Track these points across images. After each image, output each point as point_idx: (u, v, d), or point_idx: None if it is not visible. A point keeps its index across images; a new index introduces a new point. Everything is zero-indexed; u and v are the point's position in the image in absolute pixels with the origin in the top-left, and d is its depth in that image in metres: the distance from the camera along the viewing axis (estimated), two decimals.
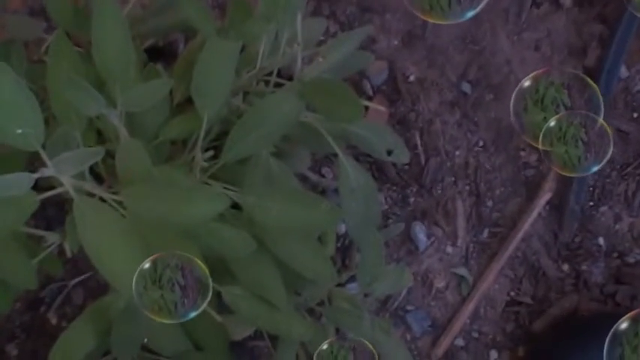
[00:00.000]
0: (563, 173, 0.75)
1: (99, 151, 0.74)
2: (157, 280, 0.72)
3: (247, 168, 0.88)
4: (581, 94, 0.73)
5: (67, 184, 0.73)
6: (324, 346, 0.83)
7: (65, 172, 0.72)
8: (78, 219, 0.72)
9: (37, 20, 1.11)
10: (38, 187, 0.74)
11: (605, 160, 0.73)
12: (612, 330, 0.72)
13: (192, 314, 0.74)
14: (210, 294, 0.73)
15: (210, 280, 0.73)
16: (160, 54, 1.14)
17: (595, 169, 0.74)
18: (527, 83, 0.73)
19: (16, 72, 0.91)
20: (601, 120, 0.71)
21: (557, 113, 0.73)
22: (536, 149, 1.18)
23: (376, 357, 0.82)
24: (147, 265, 0.72)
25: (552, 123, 0.73)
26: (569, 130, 0.72)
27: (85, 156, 0.73)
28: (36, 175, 0.71)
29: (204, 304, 0.73)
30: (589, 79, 0.73)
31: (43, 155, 0.72)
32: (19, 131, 0.71)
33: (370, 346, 0.82)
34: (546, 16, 1.22)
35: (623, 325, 0.72)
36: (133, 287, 0.71)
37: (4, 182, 0.70)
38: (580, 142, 0.72)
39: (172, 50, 1.16)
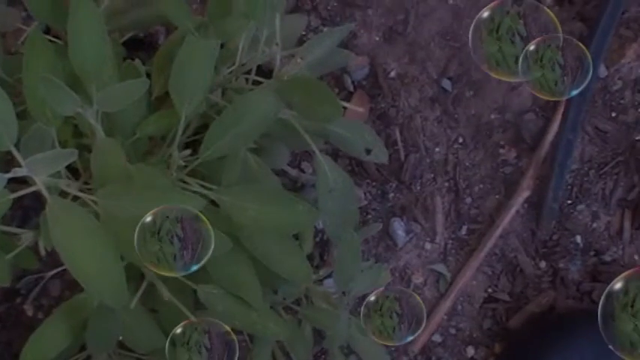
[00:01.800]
0: (542, 97, 0.72)
1: (72, 152, 0.72)
2: (157, 232, 0.70)
3: (226, 165, 0.87)
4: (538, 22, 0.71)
5: (40, 184, 0.72)
6: (372, 298, 0.81)
7: (39, 172, 0.71)
8: (50, 220, 0.71)
9: (15, 10, 1.08)
10: (14, 180, 0.73)
11: (584, 85, 0.70)
12: (606, 290, 0.69)
13: (194, 267, 0.73)
14: (212, 247, 0.72)
15: (212, 234, 0.72)
16: (140, 45, 1.13)
17: (574, 93, 0.71)
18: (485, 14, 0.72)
19: None
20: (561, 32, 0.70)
21: (512, 42, 0.71)
22: (515, 147, 1.18)
23: (423, 309, 0.81)
24: (148, 219, 0.70)
25: (531, 47, 0.70)
26: (546, 53, 0.70)
27: (58, 157, 0.72)
28: (8, 176, 0.70)
29: (207, 258, 0.72)
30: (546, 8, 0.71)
31: (17, 155, 0.71)
32: None
33: (417, 298, 0.81)
34: None
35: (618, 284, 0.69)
36: (135, 239, 0.70)
37: None
38: (557, 66, 0.70)
39: (153, 42, 1.15)
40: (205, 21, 0.90)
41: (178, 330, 0.77)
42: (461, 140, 1.19)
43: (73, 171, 0.86)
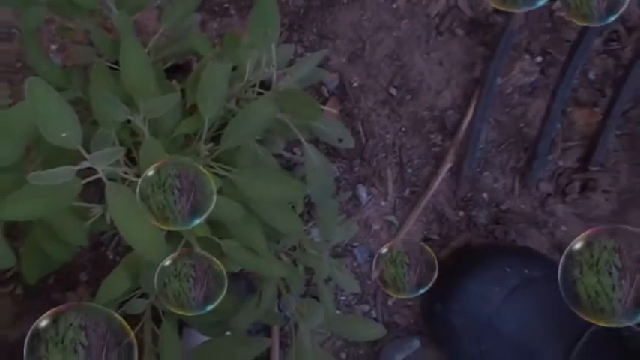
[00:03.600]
0: (580, 23, 0.57)
1: (121, 149, 0.65)
2: (162, 187, 0.60)
3: (239, 153, 0.79)
4: None
5: (101, 173, 0.63)
6: (384, 250, 0.69)
7: (99, 164, 0.62)
8: (108, 199, 0.63)
9: (93, 48, 1.00)
10: (87, 170, 0.64)
11: (620, 11, 0.56)
12: (567, 250, 0.54)
13: (197, 221, 0.62)
14: (212, 206, 0.61)
15: (214, 194, 0.61)
16: (179, 70, 1.05)
17: (612, 18, 0.56)
18: None
19: (74, 88, 0.83)
20: None
21: None
22: (441, 133, 1.10)
23: (435, 262, 0.69)
24: (151, 173, 0.60)
25: None
26: None
27: (112, 152, 0.63)
28: (76, 168, 0.61)
29: (208, 212, 0.61)
30: None
31: (82, 152, 0.62)
32: (63, 135, 0.61)
33: (429, 250, 0.69)
34: (446, 42, 1.13)
35: (578, 244, 0.53)
36: (137, 193, 0.59)
37: (53, 174, 0.61)
38: None
39: (189, 67, 1.07)
40: (222, 51, 0.83)
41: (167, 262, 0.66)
42: (404, 130, 1.11)
43: (133, 161, 0.78)
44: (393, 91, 1.12)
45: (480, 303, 1.00)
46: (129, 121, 0.73)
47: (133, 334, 0.54)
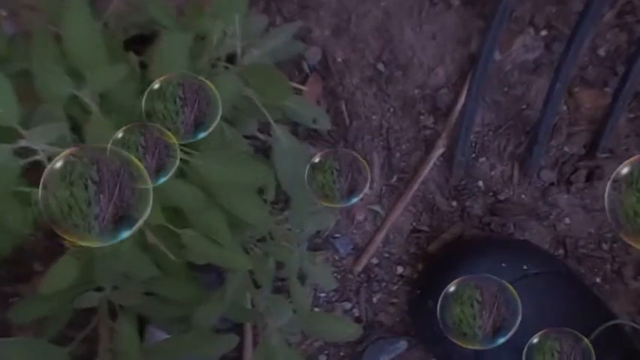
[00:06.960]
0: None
1: (62, 125, 0.63)
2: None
3: None
4: None
5: (41, 153, 0.62)
6: (316, 159, 0.68)
7: (37, 143, 0.61)
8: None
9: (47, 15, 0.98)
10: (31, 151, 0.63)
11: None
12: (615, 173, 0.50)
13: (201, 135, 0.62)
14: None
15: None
16: (146, 41, 1.02)
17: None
18: None
19: (19, 59, 0.81)
20: None
21: None
22: (432, 114, 1.09)
23: (367, 168, 0.69)
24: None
25: None
26: None
27: (51, 129, 0.62)
28: (12, 146, 0.60)
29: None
30: None
31: (19, 129, 0.61)
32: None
33: (359, 157, 0.69)
34: (440, 14, 1.12)
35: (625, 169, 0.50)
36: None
37: None
38: None
39: (155, 38, 1.05)
40: (185, 20, 0.82)
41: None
42: (392, 110, 1.10)
43: (83, 141, 0.77)
44: (381, 67, 1.11)
45: None
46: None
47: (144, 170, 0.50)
